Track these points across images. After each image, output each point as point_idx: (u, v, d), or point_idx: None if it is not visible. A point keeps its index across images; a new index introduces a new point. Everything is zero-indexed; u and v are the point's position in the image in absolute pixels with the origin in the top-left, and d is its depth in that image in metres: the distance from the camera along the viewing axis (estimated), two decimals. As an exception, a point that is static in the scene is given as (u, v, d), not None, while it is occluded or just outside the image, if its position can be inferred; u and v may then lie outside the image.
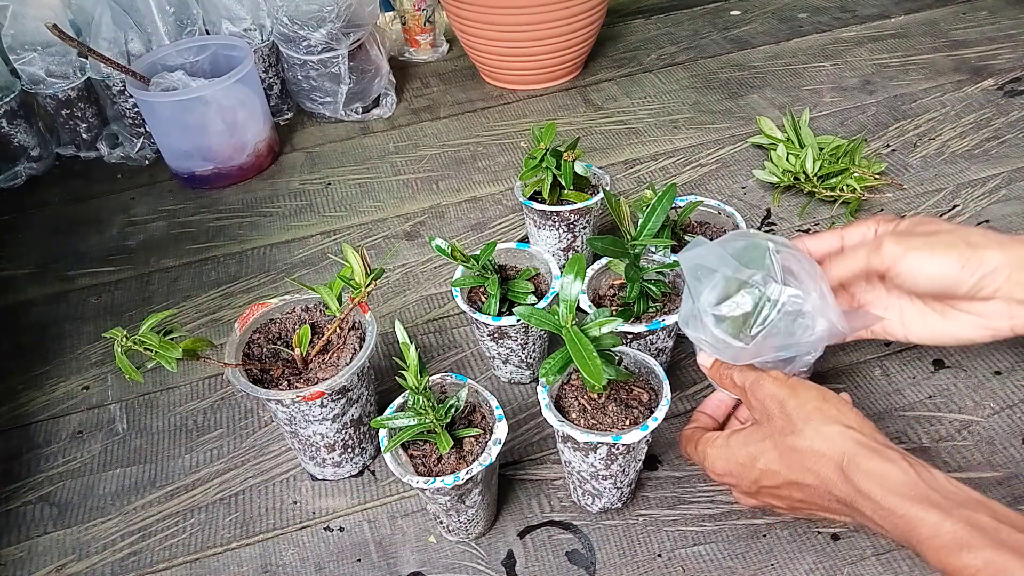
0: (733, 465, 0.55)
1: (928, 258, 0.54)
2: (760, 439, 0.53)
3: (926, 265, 0.55)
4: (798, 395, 0.53)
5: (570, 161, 0.75)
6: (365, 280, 0.60)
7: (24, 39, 1.05)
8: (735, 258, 0.55)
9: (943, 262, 0.54)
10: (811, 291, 0.54)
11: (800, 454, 0.51)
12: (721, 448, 0.55)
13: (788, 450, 0.51)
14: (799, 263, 0.55)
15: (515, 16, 1.08)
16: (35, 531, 0.68)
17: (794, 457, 0.51)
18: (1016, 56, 1.13)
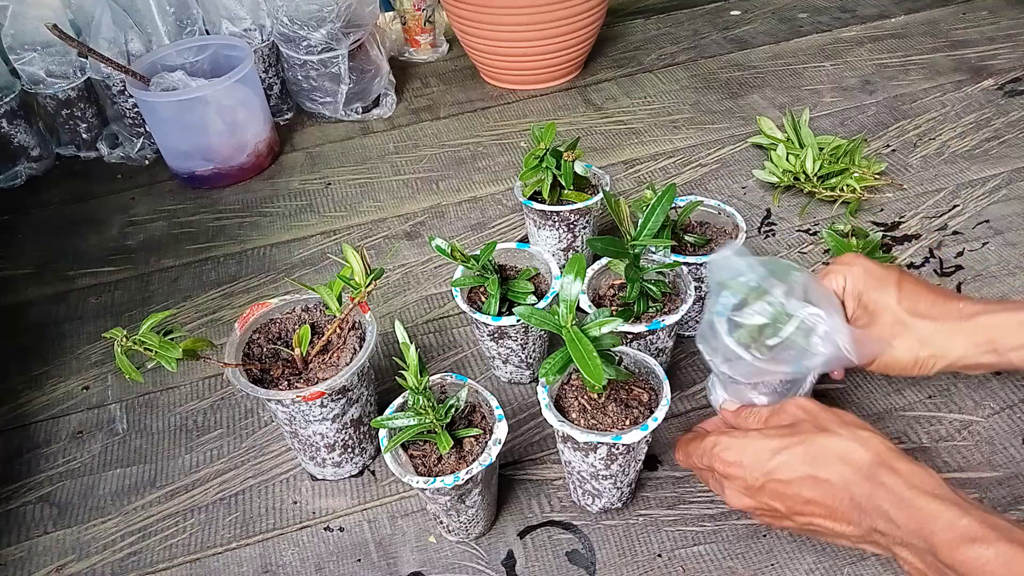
0: (748, 454, 0.53)
1: (889, 365, 0.60)
2: (785, 435, 0.53)
3: (890, 369, 0.61)
4: (829, 409, 0.55)
5: (570, 161, 0.75)
6: (365, 280, 0.60)
7: (24, 39, 1.05)
8: (763, 267, 0.58)
9: (903, 367, 0.60)
10: (831, 313, 0.57)
11: (831, 451, 0.51)
12: (738, 438, 0.55)
13: (819, 448, 0.51)
14: (820, 288, 0.59)
15: (515, 16, 1.08)
16: (35, 531, 0.68)
17: (823, 453, 0.51)
18: (1016, 56, 1.13)
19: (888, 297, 0.60)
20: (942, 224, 0.87)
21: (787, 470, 0.52)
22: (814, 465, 0.51)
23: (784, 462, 0.52)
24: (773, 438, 0.53)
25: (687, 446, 0.59)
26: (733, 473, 0.54)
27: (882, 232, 0.87)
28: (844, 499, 0.50)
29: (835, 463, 0.50)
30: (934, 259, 0.83)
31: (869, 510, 0.49)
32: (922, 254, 0.84)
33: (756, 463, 0.53)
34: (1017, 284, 0.79)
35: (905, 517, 0.47)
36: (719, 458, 0.55)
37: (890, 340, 0.59)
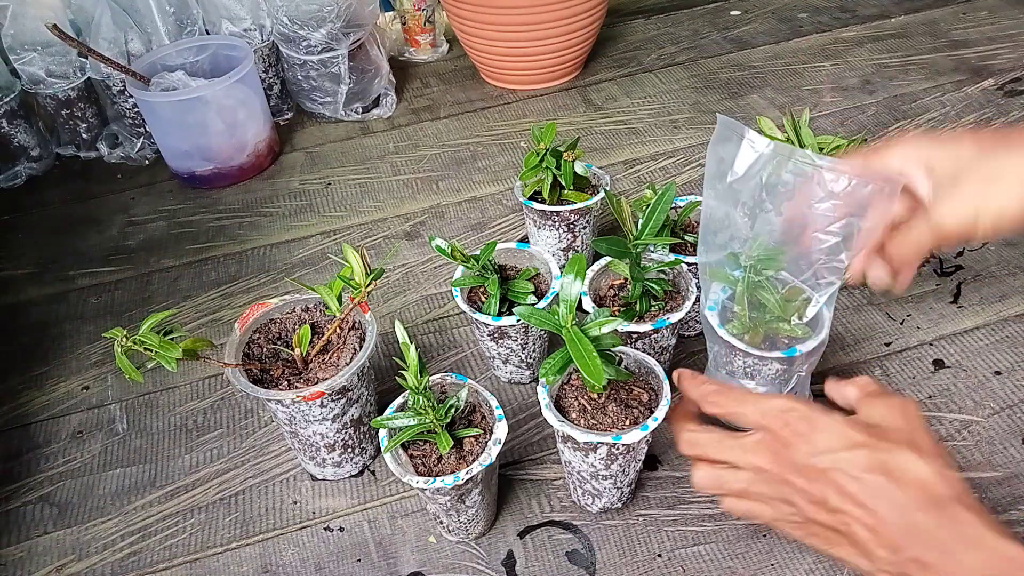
0: (823, 434, 0.47)
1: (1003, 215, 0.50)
2: (872, 434, 0.47)
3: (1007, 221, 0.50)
4: (931, 433, 0.49)
5: (570, 161, 0.75)
6: (365, 280, 0.60)
7: (24, 39, 1.05)
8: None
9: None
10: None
11: (911, 471, 0.46)
12: (819, 414, 0.48)
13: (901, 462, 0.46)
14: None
15: (515, 16, 1.08)
16: (35, 531, 0.68)
17: (903, 471, 0.46)
18: (1016, 56, 1.13)
19: (966, 148, 0.50)
20: (942, 224, 0.87)
21: (857, 466, 0.46)
22: (889, 476, 0.46)
23: (858, 458, 0.46)
24: (857, 431, 0.47)
25: (741, 395, 0.52)
26: (795, 443, 0.48)
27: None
28: (901, 521, 0.45)
29: (911, 485, 0.45)
30: (934, 259, 0.83)
31: (924, 540, 0.44)
32: (922, 254, 0.84)
33: (828, 446, 0.47)
34: (1017, 284, 0.79)
35: (975, 557, 0.43)
36: (787, 422, 0.48)
37: (984, 189, 0.48)
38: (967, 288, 0.80)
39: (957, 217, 0.50)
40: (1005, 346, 0.73)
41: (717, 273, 0.60)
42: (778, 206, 0.55)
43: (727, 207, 0.57)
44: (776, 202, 0.55)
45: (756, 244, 0.57)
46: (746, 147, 0.54)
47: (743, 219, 0.56)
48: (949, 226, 0.51)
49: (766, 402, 0.50)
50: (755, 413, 0.50)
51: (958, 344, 0.74)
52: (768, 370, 0.62)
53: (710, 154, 0.56)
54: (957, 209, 0.50)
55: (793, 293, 0.58)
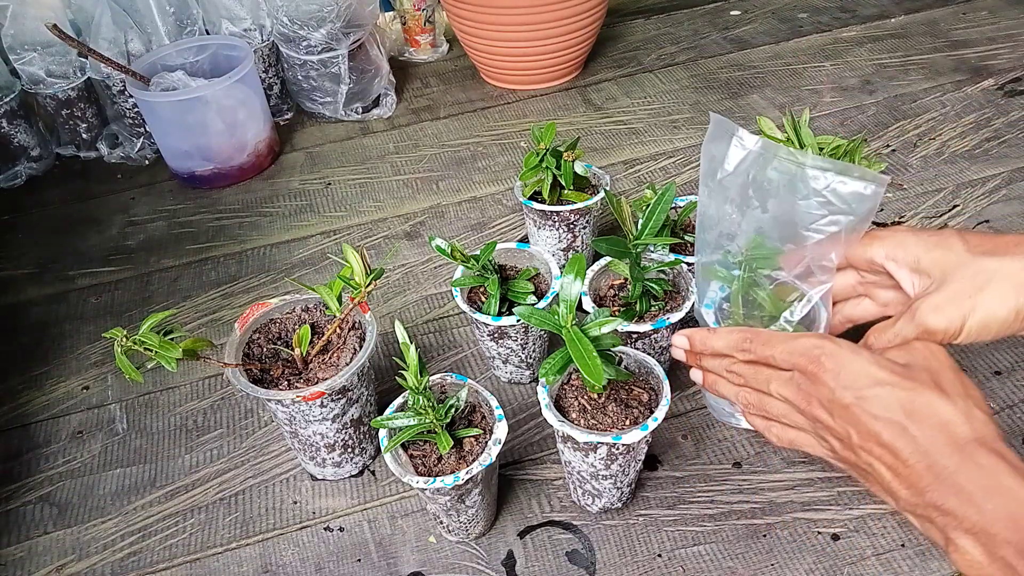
0: (849, 369, 0.47)
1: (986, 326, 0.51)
2: (897, 372, 0.47)
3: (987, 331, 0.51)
4: (962, 375, 0.48)
5: (570, 161, 0.75)
6: (365, 280, 0.60)
7: (24, 39, 1.05)
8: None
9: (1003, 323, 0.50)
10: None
11: (934, 412, 0.45)
12: (846, 350, 0.48)
13: (924, 403, 0.45)
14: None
15: (515, 16, 1.08)
16: (35, 531, 0.68)
17: (925, 411, 0.45)
18: (1016, 56, 1.13)
19: (954, 250, 0.51)
20: (942, 224, 0.87)
21: (879, 405, 0.46)
22: (910, 416, 0.45)
23: (881, 396, 0.46)
24: (883, 368, 0.47)
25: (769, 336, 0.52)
26: (824, 380, 0.48)
27: (882, 232, 0.87)
28: (921, 463, 0.44)
29: (932, 426, 0.45)
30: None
31: (945, 485, 0.43)
32: (922, 254, 0.84)
33: (853, 382, 0.47)
34: (1017, 284, 0.79)
35: (996, 504, 0.42)
36: (816, 360, 0.48)
37: (973, 293, 0.50)
38: (967, 288, 0.79)
39: (945, 320, 0.51)
40: (1005, 346, 0.73)
41: (714, 272, 0.60)
42: (764, 203, 0.55)
43: (718, 203, 0.57)
44: (761, 199, 0.55)
45: (749, 241, 0.57)
46: (735, 144, 0.55)
47: (732, 215, 0.57)
48: (935, 327, 0.51)
49: (795, 341, 0.50)
50: (784, 353, 0.50)
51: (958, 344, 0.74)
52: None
53: (704, 152, 0.57)
54: (945, 312, 0.51)
55: (785, 291, 0.58)
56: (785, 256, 0.56)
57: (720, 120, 0.56)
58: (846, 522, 0.62)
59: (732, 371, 0.54)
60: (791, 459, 0.66)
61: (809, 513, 0.62)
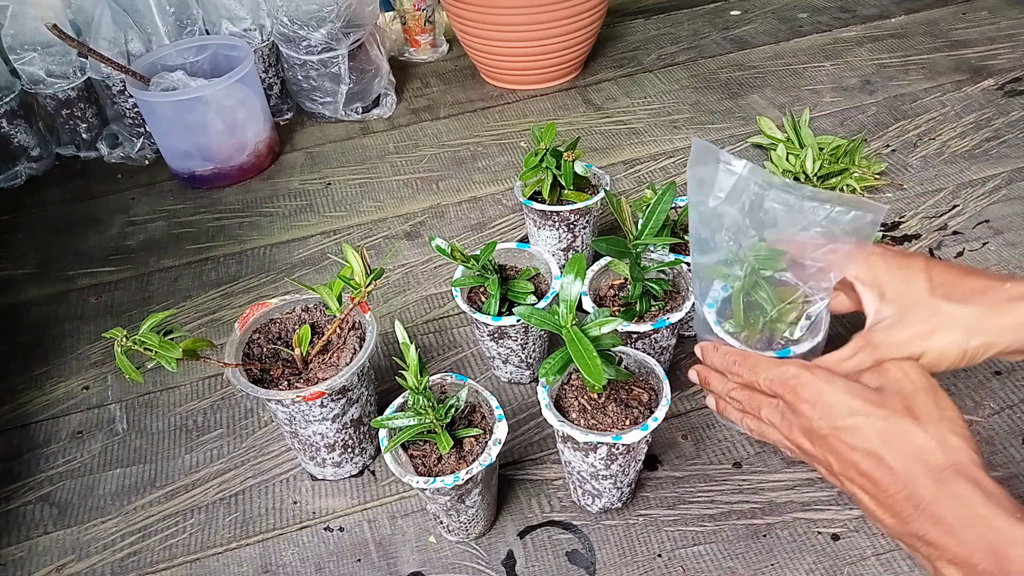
0: (824, 400, 0.49)
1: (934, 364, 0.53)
2: (870, 400, 0.48)
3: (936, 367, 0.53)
4: (937, 395, 0.49)
5: (570, 161, 0.75)
6: (365, 280, 0.60)
7: (24, 39, 1.05)
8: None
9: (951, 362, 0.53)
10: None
11: (908, 441, 0.46)
12: (821, 379, 0.49)
13: (897, 432, 0.46)
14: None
15: (515, 16, 1.08)
16: (35, 531, 0.68)
17: (899, 440, 0.46)
18: (1016, 56, 1.13)
19: (917, 287, 0.53)
20: (942, 224, 0.87)
21: (855, 436, 0.47)
22: (885, 446, 0.46)
23: (855, 427, 0.47)
24: (856, 397, 0.48)
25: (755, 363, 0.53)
26: (802, 411, 0.50)
27: (882, 232, 0.87)
28: (900, 493, 0.45)
29: (907, 455, 0.46)
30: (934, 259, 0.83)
31: (925, 515, 0.44)
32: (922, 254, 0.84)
33: (828, 413, 0.48)
34: (1017, 284, 0.79)
35: (974, 535, 0.42)
36: (794, 390, 0.50)
37: (928, 335, 0.52)
38: (967, 288, 0.79)
39: (897, 355, 0.53)
40: (1005, 346, 0.73)
41: (717, 271, 0.60)
42: (760, 232, 0.56)
43: (712, 230, 0.58)
44: (758, 228, 0.56)
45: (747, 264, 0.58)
46: (723, 171, 0.56)
47: (728, 243, 0.58)
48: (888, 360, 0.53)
49: (775, 369, 0.52)
50: (766, 382, 0.52)
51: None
52: None
53: (690, 176, 0.57)
54: (898, 347, 0.53)
55: (787, 292, 0.58)
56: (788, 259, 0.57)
57: (702, 145, 0.56)
58: (846, 522, 0.62)
59: (732, 396, 0.57)
60: (791, 459, 0.66)
61: (809, 513, 0.62)
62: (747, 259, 0.57)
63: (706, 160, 0.56)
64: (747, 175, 0.55)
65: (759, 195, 0.55)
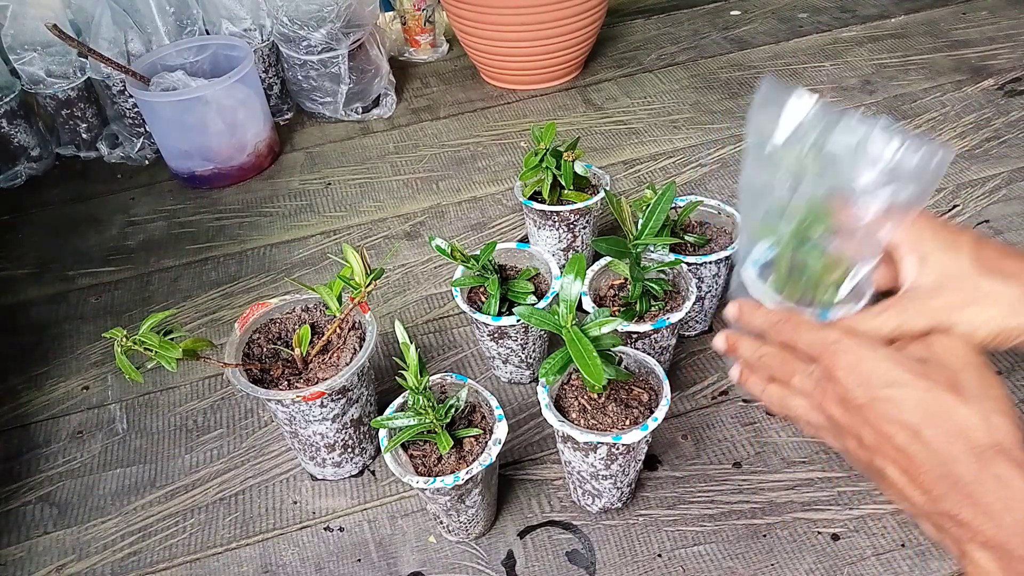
0: (864, 367, 0.46)
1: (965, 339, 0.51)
2: (913, 371, 0.45)
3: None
4: (984, 373, 0.46)
5: (570, 161, 0.75)
6: (365, 280, 0.60)
7: (24, 39, 1.05)
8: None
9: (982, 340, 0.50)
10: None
11: (949, 416, 0.44)
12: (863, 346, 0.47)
13: (938, 405, 0.44)
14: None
15: (515, 16, 1.08)
16: (35, 531, 0.68)
17: (940, 414, 0.44)
18: (1016, 56, 1.13)
19: (961, 258, 0.51)
20: (942, 224, 0.87)
21: (893, 407, 0.45)
22: (924, 419, 0.44)
23: (895, 397, 0.45)
24: (898, 366, 0.46)
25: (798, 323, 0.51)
26: (839, 377, 0.47)
27: (882, 232, 0.87)
28: (936, 469, 0.43)
29: (947, 431, 0.43)
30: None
31: (961, 494, 0.42)
32: (922, 254, 0.84)
33: (868, 381, 0.46)
34: (1017, 284, 0.79)
35: (1014, 519, 0.40)
36: (833, 354, 0.47)
37: (963, 307, 0.50)
38: (967, 288, 0.79)
39: (923, 323, 0.51)
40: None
41: (767, 229, 0.56)
42: (823, 170, 0.52)
43: (767, 176, 0.54)
44: (821, 166, 0.52)
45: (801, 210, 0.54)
46: (791, 109, 0.51)
47: (783, 190, 0.54)
48: (915, 328, 0.51)
49: (818, 332, 0.49)
50: (807, 344, 0.49)
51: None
52: None
53: (751, 122, 0.54)
54: (929, 313, 0.51)
55: (833, 263, 0.55)
56: (840, 216, 0.53)
57: (774, 84, 0.52)
58: (846, 522, 0.62)
59: (763, 361, 0.53)
60: (791, 459, 0.66)
61: (809, 513, 0.62)
62: (798, 212, 0.54)
63: (775, 101, 0.52)
64: (815, 113, 0.51)
65: (825, 130, 0.51)
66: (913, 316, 0.51)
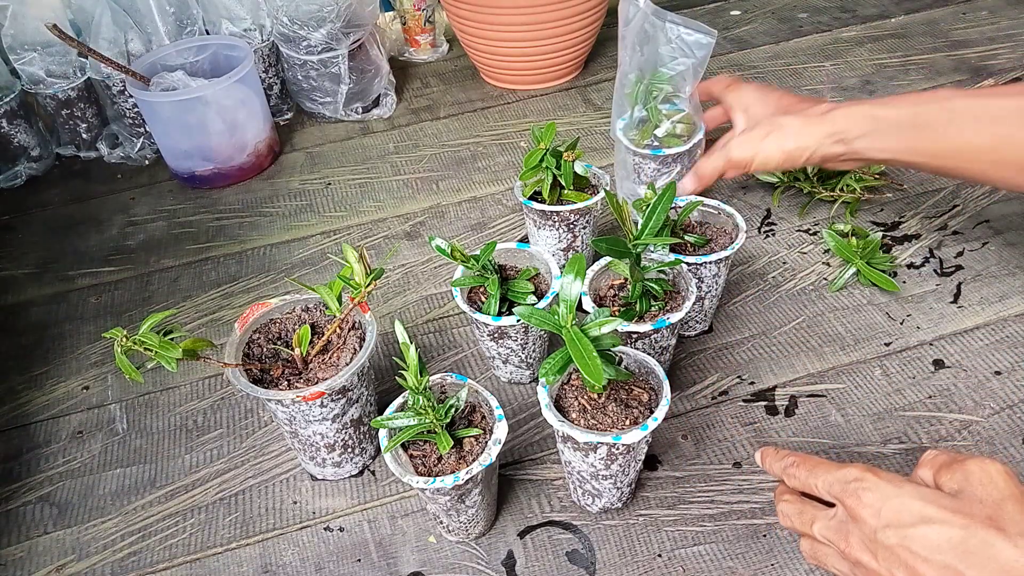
0: (891, 505, 0.43)
1: (765, 162, 0.73)
2: (946, 506, 0.43)
3: (766, 165, 0.73)
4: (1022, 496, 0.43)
5: (570, 161, 0.75)
6: (365, 280, 0.60)
7: (24, 39, 1.05)
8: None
9: (777, 162, 0.72)
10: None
11: (994, 557, 0.40)
12: (887, 482, 0.44)
13: (980, 544, 0.41)
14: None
15: (515, 16, 1.08)
16: (35, 531, 0.68)
17: (982, 554, 0.41)
18: (1016, 56, 1.13)
19: (768, 106, 0.77)
20: (942, 224, 0.87)
21: (928, 546, 0.42)
22: (963, 558, 0.41)
23: (929, 536, 0.42)
24: (929, 503, 0.43)
25: (814, 465, 0.49)
26: (864, 517, 0.44)
27: (882, 232, 0.87)
28: None
29: (991, 571, 0.40)
30: (934, 259, 0.83)
31: None
32: (922, 254, 0.84)
33: (897, 519, 0.43)
34: (1017, 284, 0.79)
35: None
36: (855, 495, 0.45)
37: (764, 137, 0.71)
38: (967, 288, 0.80)
39: (740, 153, 0.73)
40: (1005, 346, 0.73)
41: (630, 97, 0.83)
42: (642, 48, 0.80)
43: (622, 50, 0.80)
44: (641, 45, 0.80)
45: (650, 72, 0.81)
46: (632, 3, 0.78)
47: (626, 59, 0.81)
48: (735, 157, 0.74)
49: (835, 472, 0.47)
50: (825, 485, 0.48)
51: (958, 344, 0.74)
52: (648, 168, 0.84)
53: (619, 11, 0.79)
54: (742, 148, 0.73)
55: (659, 114, 0.83)
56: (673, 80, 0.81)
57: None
58: (846, 522, 0.61)
59: (781, 510, 0.52)
60: (791, 459, 0.66)
61: (809, 513, 0.62)
62: (644, 80, 0.81)
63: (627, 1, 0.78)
64: (644, 8, 0.77)
65: (642, 20, 0.78)
66: (736, 152, 0.73)
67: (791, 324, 0.78)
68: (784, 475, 0.51)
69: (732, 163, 0.74)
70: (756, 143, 0.71)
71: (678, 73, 0.81)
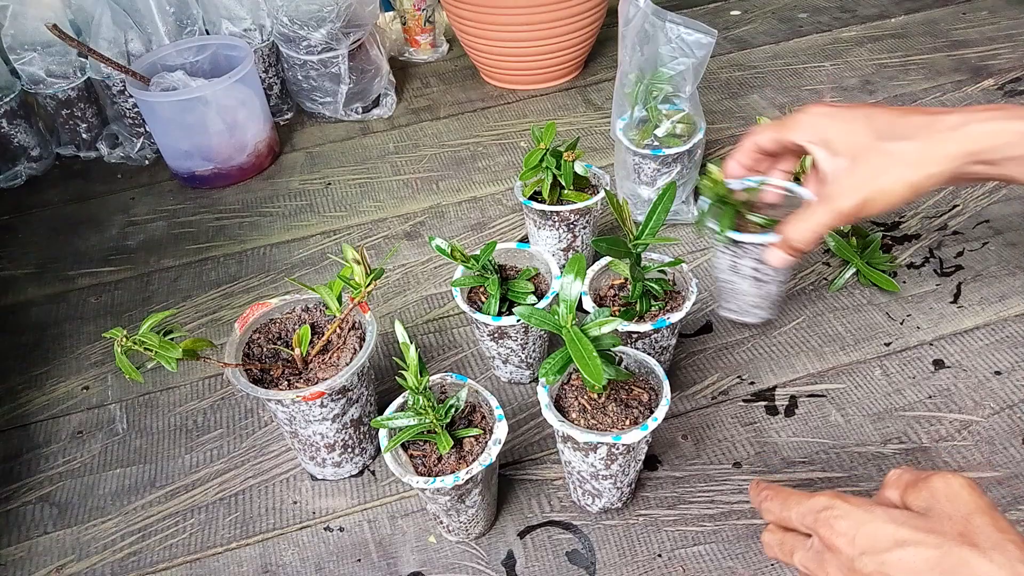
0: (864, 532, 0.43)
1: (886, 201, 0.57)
2: (918, 527, 0.42)
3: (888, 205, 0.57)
4: (995, 517, 0.43)
5: (570, 161, 0.75)
6: (365, 280, 0.60)
7: (24, 39, 1.05)
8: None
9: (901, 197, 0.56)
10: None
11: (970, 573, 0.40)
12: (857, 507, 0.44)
13: (956, 562, 0.41)
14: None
15: (515, 16, 1.08)
16: (35, 531, 0.68)
17: (960, 573, 0.40)
18: (1016, 56, 1.13)
19: (861, 134, 0.57)
20: (942, 224, 0.87)
21: (905, 569, 0.41)
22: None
23: (905, 559, 0.41)
24: (901, 525, 0.43)
25: (786, 497, 0.49)
26: (839, 546, 0.44)
27: (882, 232, 0.87)
28: None
29: None
30: (934, 259, 0.83)
31: None
32: (922, 254, 0.84)
33: (870, 546, 0.43)
34: (1017, 284, 0.79)
35: None
36: (827, 524, 0.44)
37: (877, 176, 0.55)
38: (967, 288, 0.80)
39: (852, 201, 0.56)
40: (1005, 346, 0.73)
41: (630, 97, 0.83)
42: (643, 47, 0.80)
43: (622, 49, 0.82)
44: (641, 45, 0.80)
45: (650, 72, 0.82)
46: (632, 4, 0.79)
47: (627, 59, 0.81)
48: (845, 209, 0.57)
49: (806, 503, 0.47)
50: (798, 517, 0.47)
51: (958, 344, 0.74)
52: (648, 168, 0.84)
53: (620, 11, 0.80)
54: (851, 193, 0.56)
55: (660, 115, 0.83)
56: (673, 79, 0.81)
57: None
58: (846, 522, 0.61)
59: (763, 539, 0.51)
60: (791, 459, 0.66)
61: (809, 513, 0.62)
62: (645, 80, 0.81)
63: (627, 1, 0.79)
64: (644, 8, 0.78)
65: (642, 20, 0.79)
66: (842, 200, 0.56)
67: (791, 324, 0.78)
68: (760, 510, 0.51)
69: (842, 216, 0.57)
70: (867, 183, 0.55)
71: (678, 73, 0.80)
